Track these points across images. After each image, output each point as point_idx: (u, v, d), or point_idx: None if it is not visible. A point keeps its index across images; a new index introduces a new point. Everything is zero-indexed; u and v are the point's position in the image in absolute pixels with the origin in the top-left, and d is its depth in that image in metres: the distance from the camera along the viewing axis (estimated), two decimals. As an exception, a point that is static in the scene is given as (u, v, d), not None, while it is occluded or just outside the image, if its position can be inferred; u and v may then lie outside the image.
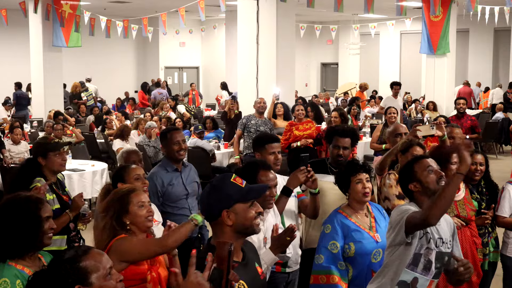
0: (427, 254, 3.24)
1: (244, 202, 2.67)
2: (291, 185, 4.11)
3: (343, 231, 3.82)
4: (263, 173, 3.84)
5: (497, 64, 23.37)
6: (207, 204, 2.72)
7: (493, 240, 4.93)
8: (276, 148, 4.47)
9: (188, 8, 13.27)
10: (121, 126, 10.93)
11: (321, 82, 27.74)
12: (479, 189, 4.91)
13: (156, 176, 4.86)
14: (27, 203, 2.97)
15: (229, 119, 11.37)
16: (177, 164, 5.00)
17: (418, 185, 3.37)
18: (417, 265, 3.24)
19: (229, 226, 2.64)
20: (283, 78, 11.51)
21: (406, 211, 3.21)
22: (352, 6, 14.87)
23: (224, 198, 2.66)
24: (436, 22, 14.31)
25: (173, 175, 4.94)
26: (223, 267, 2.14)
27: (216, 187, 2.70)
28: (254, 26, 11.53)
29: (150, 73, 23.71)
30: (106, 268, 2.38)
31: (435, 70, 14.99)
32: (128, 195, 3.32)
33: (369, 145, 9.58)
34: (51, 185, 4.61)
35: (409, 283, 3.25)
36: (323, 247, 3.81)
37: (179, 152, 4.94)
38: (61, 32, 14.83)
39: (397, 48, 25.00)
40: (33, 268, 2.82)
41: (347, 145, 4.73)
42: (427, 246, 3.23)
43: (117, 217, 3.26)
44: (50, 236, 3.00)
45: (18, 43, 19.34)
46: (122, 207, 3.28)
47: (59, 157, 4.67)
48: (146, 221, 3.32)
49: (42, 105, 15.13)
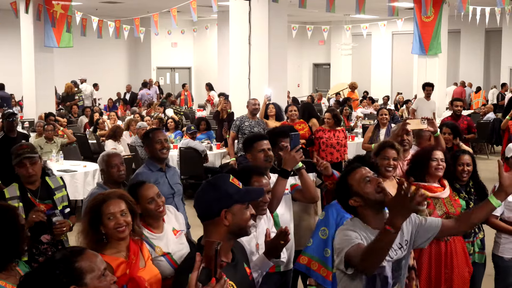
0: (381, 272, 2.95)
1: (242, 203, 2.67)
2: (287, 166, 4.07)
3: (336, 220, 3.85)
4: (257, 179, 3.77)
5: (488, 65, 23.49)
6: (206, 202, 2.69)
7: (479, 241, 4.93)
8: (265, 145, 4.41)
9: (180, 9, 13.26)
10: (114, 127, 10.90)
11: (313, 83, 27.77)
12: (467, 189, 4.93)
13: (141, 176, 4.82)
14: (5, 212, 2.98)
15: (221, 119, 11.36)
16: (161, 164, 4.98)
17: (358, 199, 3.02)
18: (375, 286, 2.98)
19: (225, 226, 2.64)
20: (275, 78, 11.51)
21: (348, 240, 2.89)
22: (344, 7, 14.90)
23: (224, 197, 2.66)
24: (428, 22, 14.37)
25: (158, 174, 4.92)
26: (211, 266, 2.14)
27: (216, 186, 2.69)
28: (246, 26, 11.52)
29: (142, 74, 23.68)
30: (101, 269, 2.38)
31: (426, 71, 15.04)
32: (100, 206, 3.31)
33: (361, 145, 9.59)
34: (24, 193, 4.51)
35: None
36: (316, 232, 3.91)
37: (161, 150, 4.93)
38: (53, 32, 14.77)
39: (389, 48, 25.07)
40: (10, 280, 2.81)
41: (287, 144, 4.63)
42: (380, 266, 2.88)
43: (94, 226, 3.28)
44: (26, 244, 3.03)
45: (9, 43, 19.27)
46: (96, 217, 3.28)
47: (23, 168, 4.54)
48: (116, 233, 3.27)
49: (33, 106, 15.07)
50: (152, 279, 3.32)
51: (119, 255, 3.26)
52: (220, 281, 2.10)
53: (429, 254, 4.51)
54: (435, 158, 4.65)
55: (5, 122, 8.17)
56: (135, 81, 23.28)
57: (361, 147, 9.34)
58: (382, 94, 23.29)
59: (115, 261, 3.20)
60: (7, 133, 8.00)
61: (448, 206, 4.62)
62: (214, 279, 2.10)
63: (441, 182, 4.73)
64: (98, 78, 21.77)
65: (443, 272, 4.52)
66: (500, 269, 4.98)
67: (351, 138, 11.58)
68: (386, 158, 4.63)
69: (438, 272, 4.52)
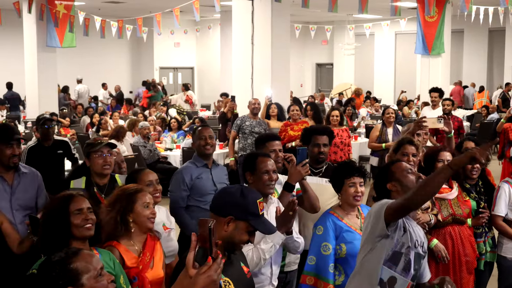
0: (407, 253, 3.17)
1: (249, 225, 2.72)
2: (292, 180, 4.10)
3: (335, 232, 3.83)
4: (261, 159, 3.91)
5: (491, 65, 23.45)
6: (224, 198, 2.78)
7: (490, 240, 4.94)
8: (277, 146, 4.53)
9: (182, 9, 13.25)
10: (117, 127, 10.87)
11: (316, 83, 27.74)
12: (477, 189, 4.92)
13: (186, 169, 5.11)
14: (58, 200, 3.17)
15: (226, 119, 11.38)
16: (207, 160, 5.17)
17: (397, 185, 3.40)
18: (397, 264, 3.16)
19: (223, 231, 2.68)
20: (278, 78, 11.50)
21: (387, 202, 3.16)
22: (347, 7, 14.87)
23: (241, 208, 2.72)
24: (431, 22, 14.32)
25: (203, 170, 5.12)
26: (206, 246, 2.14)
27: (243, 195, 2.75)
28: (249, 26, 11.52)
29: (144, 74, 23.67)
30: (97, 268, 2.39)
31: (429, 71, 15.00)
32: (135, 194, 3.44)
33: (364, 145, 9.62)
34: (90, 187, 4.48)
35: (385, 281, 3.16)
36: (316, 249, 3.83)
37: (205, 146, 5.10)
38: (55, 32, 14.78)
39: (392, 48, 25.03)
40: None
41: (326, 142, 4.81)
42: (409, 245, 3.16)
43: (122, 213, 3.38)
44: (87, 227, 3.10)
45: (12, 43, 19.27)
46: (128, 204, 3.39)
47: (100, 157, 4.51)
48: (148, 222, 3.42)
49: (36, 106, 15.07)
50: (155, 280, 3.36)
51: (132, 248, 3.35)
52: (216, 260, 2.10)
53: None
54: (442, 159, 4.64)
55: (39, 129, 6.81)
56: (137, 81, 23.29)
57: (368, 146, 9.33)
58: (385, 94, 23.29)
59: (127, 253, 3.31)
60: (42, 142, 6.79)
61: (454, 207, 4.61)
62: (210, 257, 2.10)
63: (449, 183, 4.71)
64: (101, 78, 21.78)
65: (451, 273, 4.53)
66: (503, 269, 4.98)
67: (354, 138, 11.56)
68: (405, 154, 4.63)
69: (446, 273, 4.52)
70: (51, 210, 3.16)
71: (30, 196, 4.49)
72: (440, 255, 4.47)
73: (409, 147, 4.66)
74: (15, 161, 4.40)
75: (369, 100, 18.92)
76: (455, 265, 4.56)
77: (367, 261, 3.23)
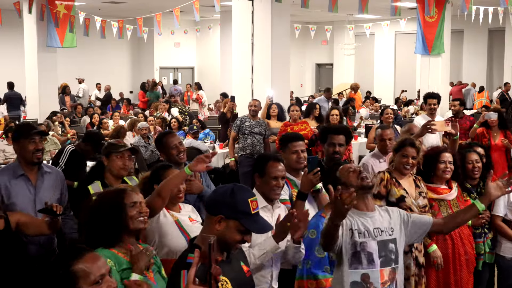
0: (364, 248, 3.28)
1: (240, 224, 2.71)
2: (304, 189, 4.08)
3: None
4: (272, 164, 3.89)
5: (491, 65, 23.45)
6: (215, 197, 2.79)
7: (489, 241, 4.94)
8: (299, 147, 4.51)
9: (183, 9, 13.26)
10: (117, 127, 10.88)
11: (316, 83, 27.74)
12: (478, 189, 4.93)
13: None
14: (111, 193, 3.18)
15: (226, 119, 11.38)
16: (180, 167, 4.92)
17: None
18: (361, 262, 3.29)
19: (215, 230, 2.70)
20: (278, 78, 11.50)
21: None
22: (347, 7, 14.87)
23: (229, 206, 2.72)
24: (431, 22, 14.33)
25: None
26: (206, 261, 2.15)
27: (233, 194, 2.74)
28: (249, 26, 11.51)
29: (145, 74, 23.67)
30: (97, 275, 2.30)
31: (429, 71, 15.01)
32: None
33: (364, 145, 9.60)
34: None
35: (360, 281, 3.28)
36: (310, 252, 3.81)
37: (178, 155, 4.85)
38: (56, 32, 14.77)
39: (391, 48, 25.02)
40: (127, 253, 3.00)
41: (342, 142, 4.81)
42: (361, 242, 3.28)
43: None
44: (141, 220, 3.11)
45: (12, 43, 19.27)
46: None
47: (120, 159, 4.52)
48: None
49: (36, 106, 15.07)
50: None
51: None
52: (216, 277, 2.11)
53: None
54: (443, 160, 4.65)
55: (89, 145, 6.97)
56: (138, 81, 23.26)
57: (366, 146, 9.34)
58: (385, 94, 23.26)
59: None
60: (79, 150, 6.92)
61: (454, 208, 4.61)
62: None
63: (449, 183, 4.72)
64: (101, 78, 21.79)
65: (451, 272, 4.54)
66: (502, 269, 5.00)
67: (354, 138, 11.56)
68: (405, 156, 4.65)
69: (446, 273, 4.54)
70: (104, 203, 3.11)
71: (53, 196, 4.37)
72: (435, 262, 4.48)
73: (410, 150, 4.66)
74: (38, 156, 4.31)
75: (369, 100, 18.91)
76: (455, 265, 4.56)
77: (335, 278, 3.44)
